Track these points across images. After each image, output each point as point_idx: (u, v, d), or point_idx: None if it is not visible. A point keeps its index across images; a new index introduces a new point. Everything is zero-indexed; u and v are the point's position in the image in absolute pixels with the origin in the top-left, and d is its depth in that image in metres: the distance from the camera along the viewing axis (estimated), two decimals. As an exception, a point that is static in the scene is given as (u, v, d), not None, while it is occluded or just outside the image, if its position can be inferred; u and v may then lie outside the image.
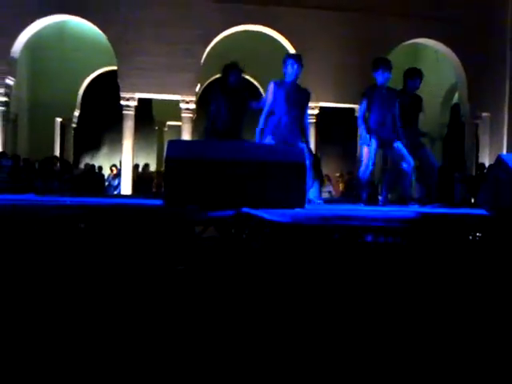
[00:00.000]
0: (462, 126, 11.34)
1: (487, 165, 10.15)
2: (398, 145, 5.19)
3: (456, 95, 11.89)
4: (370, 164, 5.28)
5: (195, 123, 10.51)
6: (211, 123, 5.32)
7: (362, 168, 5.34)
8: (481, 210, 3.39)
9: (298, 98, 5.00)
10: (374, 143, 5.20)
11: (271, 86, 4.96)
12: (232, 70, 5.33)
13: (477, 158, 11.15)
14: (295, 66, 4.97)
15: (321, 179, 8.31)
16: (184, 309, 2.50)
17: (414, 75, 5.54)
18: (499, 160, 3.34)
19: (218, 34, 10.11)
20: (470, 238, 2.75)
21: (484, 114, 10.97)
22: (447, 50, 10.86)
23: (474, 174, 10.55)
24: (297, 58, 5.14)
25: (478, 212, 3.28)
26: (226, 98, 5.27)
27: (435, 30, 10.53)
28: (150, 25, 9.62)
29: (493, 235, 2.67)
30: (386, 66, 5.27)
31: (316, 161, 8.80)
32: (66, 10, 9.75)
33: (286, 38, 10.10)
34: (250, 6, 9.82)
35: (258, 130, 5.00)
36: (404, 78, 5.57)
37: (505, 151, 10.32)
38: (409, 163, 5.20)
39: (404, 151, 5.18)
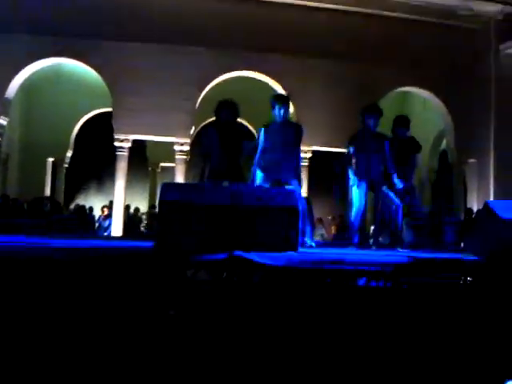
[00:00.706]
0: (451, 171, 11.53)
1: (475, 209, 10.28)
2: (386, 188, 5.28)
3: (444, 141, 12.14)
4: (361, 207, 5.35)
5: (189, 165, 10.60)
6: (207, 164, 5.33)
7: (353, 211, 5.40)
8: (469, 255, 3.44)
9: (288, 136, 5.10)
10: (363, 187, 5.29)
11: (261, 131, 5.09)
12: (225, 106, 5.36)
13: (465, 202, 11.29)
14: (282, 109, 5.10)
15: (312, 222, 8.35)
16: (175, 354, 2.48)
17: (401, 123, 5.72)
18: (486, 207, 3.41)
19: (213, 78, 10.33)
20: (461, 282, 2.78)
21: (471, 160, 11.18)
22: (434, 97, 11.17)
23: (462, 218, 10.65)
24: (281, 99, 5.26)
25: (466, 257, 3.32)
26: (220, 136, 5.28)
27: (422, 79, 10.85)
28: (145, 67, 9.79)
29: (481, 280, 2.70)
30: (375, 111, 5.43)
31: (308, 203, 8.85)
32: (61, 54, 9.92)
33: (279, 83, 10.34)
34: (244, 52, 10.07)
35: (252, 169, 5.08)
36: (393, 125, 5.73)
37: (492, 197, 10.48)
38: (398, 206, 5.28)
39: (392, 194, 5.27)
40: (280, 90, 10.33)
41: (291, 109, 5.33)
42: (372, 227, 8.23)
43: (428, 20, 10.73)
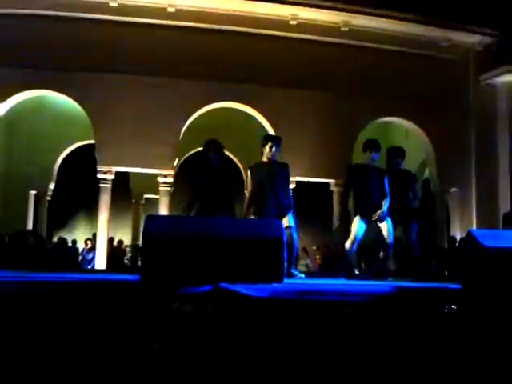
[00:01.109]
0: (433, 200, 11.64)
1: (458, 238, 10.35)
2: (382, 221, 5.34)
3: (427, 170, 12.30)
4: (358, 239, 5.39)
5: (173, 196, 10.57)
6: (195, 200, 5.32)
7: (349, 242, 5.42)
8: (454, 284, 3.45)
9: (278, 175, 5.18)
10: (358, 220, 5.36)
11: (250, 172, 5.15)
12: (214, 150, 5.39)
13: (448, 231, 11.37)
14: (274, 148, 5.20)
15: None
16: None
17: (395, 154, 5.79)
18: (470, 235, 3.44)
19: (196, 110, 10.40)
20: (446, 311, 2.79)
21: (453, 189, 11.31)
22: (415, 127, 11.35)
23: (445, 247, 10.72)
24: (277, 140, 5.38)
25: (451, 286, 3.34)
26: (208, 180, 5.31)
27: (403, 109, 11.05)
28: (128, 99, 9.84)
29: (465, 309, 2.71)
30: (374, 146, 5.53)
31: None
32: (43, 86, 9.94)
33: (262, 115, 10.46)
34: (227, 84, 10.18)
35: (245, 208, 5.15)
36: (387, 156, 5.81)
37: (474, 225, 10.59)
38: (389, 238, 5.33)
39: (384, 227, 5.33)
40: (263, 121, 10.45)
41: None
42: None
43: (408, 51, 11.00)
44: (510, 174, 11.08)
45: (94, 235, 10.52)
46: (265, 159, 5.28)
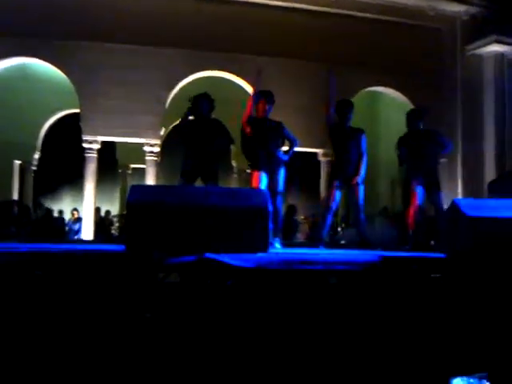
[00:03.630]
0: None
1: (445, 207, 10.44)
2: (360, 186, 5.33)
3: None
4: (333, 205, 5.39)
5: (160, 166, 10.49)
6: (185, 162, 5.26)
7: (326, 209, 5.44)
8: (438, 253, 3.49)
9: (272, 131, 5.16)
10: (336, 184, 5.34)
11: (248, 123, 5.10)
12: (203, 99, 5.31)
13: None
14: (268, 105, 5.17)
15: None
16: (153, 355, 2.45)
17: (414, 115, 5.71)
18: (453, 205, 3.46)
19: (182, 78, 10.25)
20: (430, 279, 2.82)
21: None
22: (402, 97, 11.30)
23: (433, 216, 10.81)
24: (269, 95, 5.30)
25: (435, 255, 3.37)
26: (195, 133, 5.22)
27: (390, 79, 10.98)
28: (113, 68, 9.65)
29: (448, 277, 2.75)
30: (347, 106, 5.49)
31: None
32: (26, 54, 9.72)
33: (249, 84, 10.33)
34: (213, 52, 10.03)
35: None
36: (407, 120, 5.73)
37: (460, 195, 10.68)
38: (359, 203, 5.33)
39: (360, 195, 5.32)
40: (250, 90, 10.33)
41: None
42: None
43: (394, 20, 10.87)
44: (496, 143, 11.14)
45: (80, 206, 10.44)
46: (259, 114, 5.26)
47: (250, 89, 10.30)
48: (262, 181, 5.07)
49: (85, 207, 9.94)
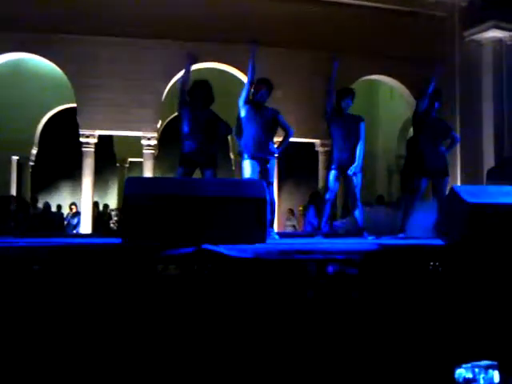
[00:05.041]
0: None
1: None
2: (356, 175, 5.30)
3: (411, 129, 12.30)
4: (331, 195, 5.37)
5: (157, 159, 10.45)
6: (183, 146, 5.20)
7: (323, 199, 5.42)
8: (437, 240, 3.47)
9: (267, 118, 5.12)
10: (333, 172, 5.32)
11: (243, 108, 5.07)
12: (199, 86, 5.25)
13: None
14: (265, 93, 5.14)
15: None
16: (150, 349, 2.44)
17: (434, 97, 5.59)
18: (453, 192, 3.44)
19: (178, 71, 10.16)
20: (430, 267, 2.80)
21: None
22: (400, 86, 11.26)
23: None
24: (268, 83, 5.27)
25: (435, 243, 3.36)
26: (193, 118, 5.15)
27: (388, 67, 10.92)
28: (108, 61, 9.59)
29: (448, 265, 2.73)
30: (347, 93, 5.46)
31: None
32: (20, 49, 9.66)
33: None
34: (210, 43, 9.95)
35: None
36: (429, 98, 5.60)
37: (459, 181, 10.67)
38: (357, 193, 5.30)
39: (357, 183, 5.28)
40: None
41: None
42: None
43: (393, 8, 10.79)
44: (495, 131, 11.11)
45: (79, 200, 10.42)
46: (254, 101, 5.22)
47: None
48: (254, 169, 5.04)
49: (83, 201, 9.93)
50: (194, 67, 10.21)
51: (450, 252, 2.99)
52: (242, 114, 5.17)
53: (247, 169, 5.06)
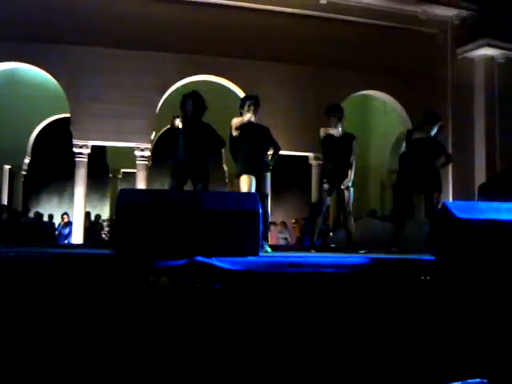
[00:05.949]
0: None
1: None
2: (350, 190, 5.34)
3: (404, 143, 12.37)
4: (323, 209, 5.41)
5: (150, 171, 10.44)
6: (174, 161, 5.19)
7: (315, 213, 5.45)
8: (428, 256, 3.49)
9: (259, 134, 5.16)
10: (325, 188, 5.35)
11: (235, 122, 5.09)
12: (189, 98, 5.24)
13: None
14: (253, 108, 5.15)
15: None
16: (140, 359, 2.43)
17: (431, 120, 5.55)
18: (444, 207, 3.47)
19: (173, 83, 10.23)
20: (420, 281, 2.81)
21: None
22: (394, 101, 11.36)
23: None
24: (254, 99, 5.28)
25: (424, 258, 3.37)
26: (184, 132, 5.13)
27: (382, 83, 11.04)
28: (103, 72, 9.63)
29: (438, 279, 2.74)
30: (338, 111, 5.49)
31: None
32: (15, 58, 9.67)
33: (241, 88, 10.33)
34: (205, 57, 10.02)
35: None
36: (424, 122, 5.59)
37: (451, 197, 10.73)
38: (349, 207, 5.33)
39: (350, 198, 5.33)
40: (241, 94, 10.33)
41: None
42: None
43: (386, 24, 10.94)
44: (487, 146, 11.21)
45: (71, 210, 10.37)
46: (245, 119, 5.21)
47: (241, 94, 10.32)
48: (252, 184, 5.07)
49: (75, 212, 9.89)
50: (190, 80, 10.32)
51: (439, 267, 3.01)
52: (234, 133, 5.20)
53: (244, 183, 5.09)
